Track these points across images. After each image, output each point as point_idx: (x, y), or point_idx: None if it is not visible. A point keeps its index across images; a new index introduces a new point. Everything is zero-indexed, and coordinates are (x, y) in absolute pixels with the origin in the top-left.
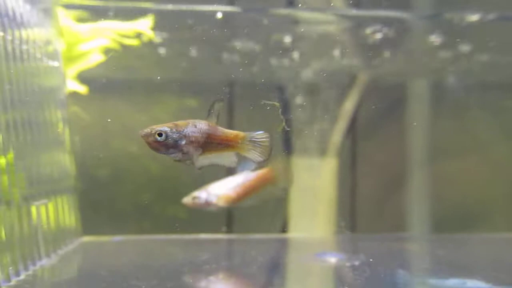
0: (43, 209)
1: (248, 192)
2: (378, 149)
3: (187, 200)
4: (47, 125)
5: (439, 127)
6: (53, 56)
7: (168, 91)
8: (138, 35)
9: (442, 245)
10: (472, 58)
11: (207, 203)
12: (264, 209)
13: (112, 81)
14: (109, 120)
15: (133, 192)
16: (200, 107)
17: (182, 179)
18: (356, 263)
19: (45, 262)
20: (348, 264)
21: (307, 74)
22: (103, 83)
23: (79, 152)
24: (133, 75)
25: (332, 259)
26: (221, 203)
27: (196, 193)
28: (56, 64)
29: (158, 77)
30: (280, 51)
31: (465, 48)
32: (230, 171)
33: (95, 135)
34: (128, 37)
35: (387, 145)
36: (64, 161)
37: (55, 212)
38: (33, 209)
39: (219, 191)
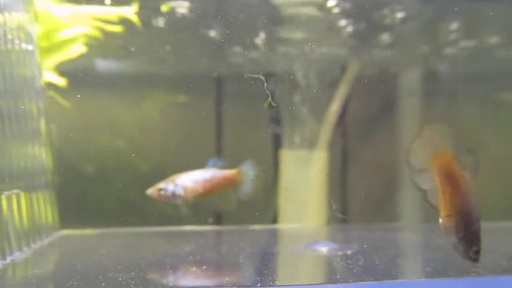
0: (14, 202)
1: (214, 189)
2: (369, 141)
3: (152, 191)
4: (20, 116)
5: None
6: (27, 40)
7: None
8: (122, 21)
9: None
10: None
11: (174, 196)
12: (253, 201)
13: (96, 73)
14: None
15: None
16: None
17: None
18: (349, 252)
19: (16, 256)
20: (340, 253)
21: (295, 64)
22: (85, 76)
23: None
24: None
25: (324, 249)
26: (189, 196)
27: (162, 184)
28: (30, 47)
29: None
30: (266, 40)
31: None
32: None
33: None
34: (111, 23)
35: (378, 137)
36: (40, 155)
37: (29, 205)
38: (3, 201)
39: (187, 183)
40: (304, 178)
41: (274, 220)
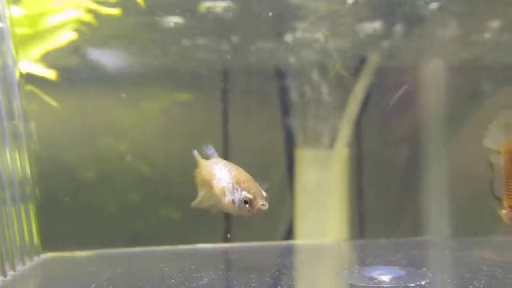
0: None
1: None
2: (389, 139)
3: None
4: None
5: (457, 116)
6: None
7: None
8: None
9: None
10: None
11: None
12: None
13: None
14: None
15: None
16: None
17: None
18: (422, 282)
19: None
20: (412, 284)
21: (310, 56)
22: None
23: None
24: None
25: (384, 277)
26: None
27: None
28: None
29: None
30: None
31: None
32: None
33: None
34: (106, 4)
35: (399, 135)
36: (14, 161)
37: None
38: None
39: None
40: (324, 181)
41: (290, 234)
